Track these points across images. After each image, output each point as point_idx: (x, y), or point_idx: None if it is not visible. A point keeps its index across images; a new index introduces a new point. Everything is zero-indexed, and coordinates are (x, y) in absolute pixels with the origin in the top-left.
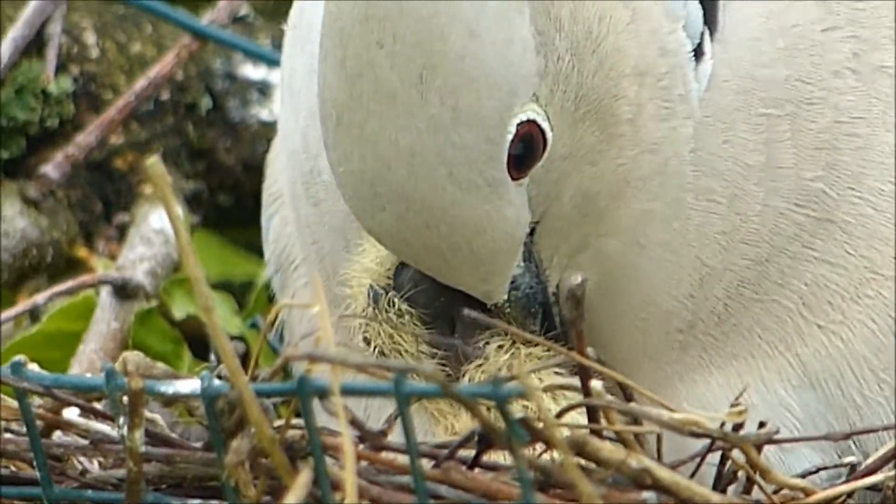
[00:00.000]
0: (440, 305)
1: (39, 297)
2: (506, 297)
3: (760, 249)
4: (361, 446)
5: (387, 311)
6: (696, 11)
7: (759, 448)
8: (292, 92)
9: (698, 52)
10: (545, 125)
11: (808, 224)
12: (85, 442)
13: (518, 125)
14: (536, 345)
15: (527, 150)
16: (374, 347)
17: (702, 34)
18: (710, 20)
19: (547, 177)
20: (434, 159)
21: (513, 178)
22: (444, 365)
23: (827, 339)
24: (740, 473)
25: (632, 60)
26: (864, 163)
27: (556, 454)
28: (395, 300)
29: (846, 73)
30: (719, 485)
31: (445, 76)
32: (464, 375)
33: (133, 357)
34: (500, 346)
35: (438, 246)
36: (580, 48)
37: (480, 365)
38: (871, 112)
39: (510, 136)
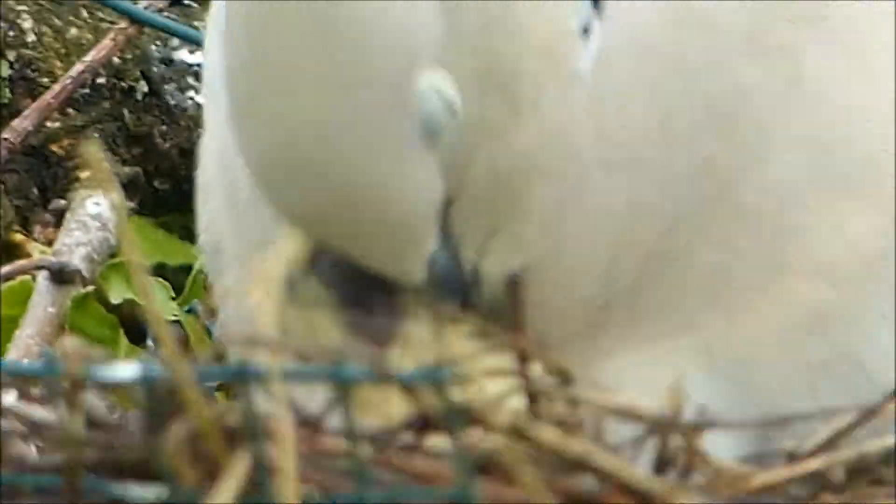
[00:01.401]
0: (359, 289)
1: None
2: (423, 276)
3: (663, 221)
4: (301, 431)
5: (304, 297)
6: None
7: (696, 431)
8: (212, 91)
9: (587, 28)
10: (449, 89)
11: (707, 203)
12: (23, 427)
13: (423, 88)
14: (461, 322)
15: (432, 115)
16: (294, 335)
17: (590, 8)
18: None
19: (458, 145)
20: (339, 123)
21: (422, 144)
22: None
23: (734, 329)
24: (678, 459)
25: (537, 37)
26: (762, 146)
27: (495, 438)
28: (313, 285)
29: (742, 47)
30: (660, 469)
31: (346, 38)
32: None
33: (72, 342)
34: (425, 326)
35: (350, 218)
36: (492, 19)
37: (404, 345)
38: (770, 90)
39: (414, 99)
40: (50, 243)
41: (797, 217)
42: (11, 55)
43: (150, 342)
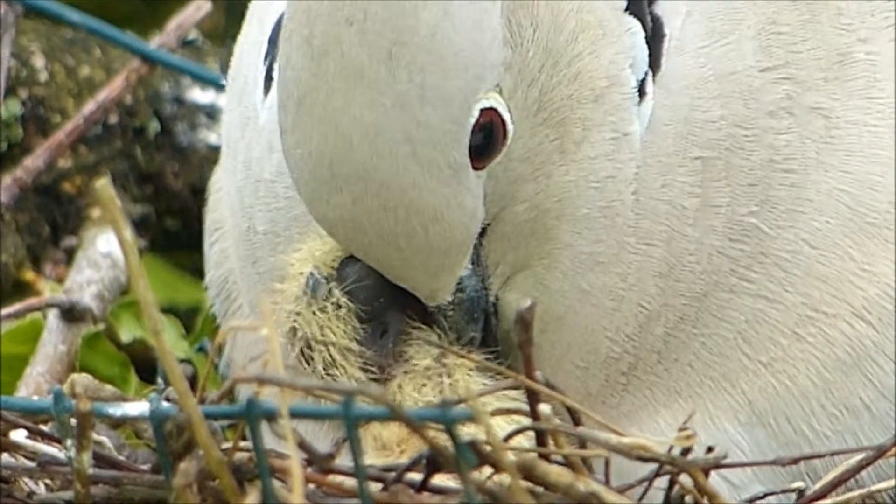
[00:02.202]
0: (378, 306)
1: None
2: (450, 298)
3: (697, 286)
4: (309, 469)
5: (323, 301)
6: (642, 52)
7: (706, 472)
8: (229, 143)
9: (641, 91)
10: (506, 116)
11: (743, 258)
12: (32, 464)
13: (481, 111)
14: (465, 357)
15: (487, 139)
16: (301, 338)
17: (645, 74)
18: (653, 62)
19: (504, 175)
20: (398, 137)
21: (473, 167)
22: (366, 367)
23: (772, 377)
24: (688, 498)
25: (599, 84)
26: (798, 200)
27: (504, 477)
28: (336, 291)
29: (782, 113)
30: None
31: (415, 53)
32: (388, 381)
33: (81, 380)
34: (430, 356)
35: (394, 232)
36: (557, 54)
37: (407, 373)
38: (805, 152)
39: (473, 120)
40: (61, 281)
41: (830, 264)
42: (24, 93)
43: (160, 380)
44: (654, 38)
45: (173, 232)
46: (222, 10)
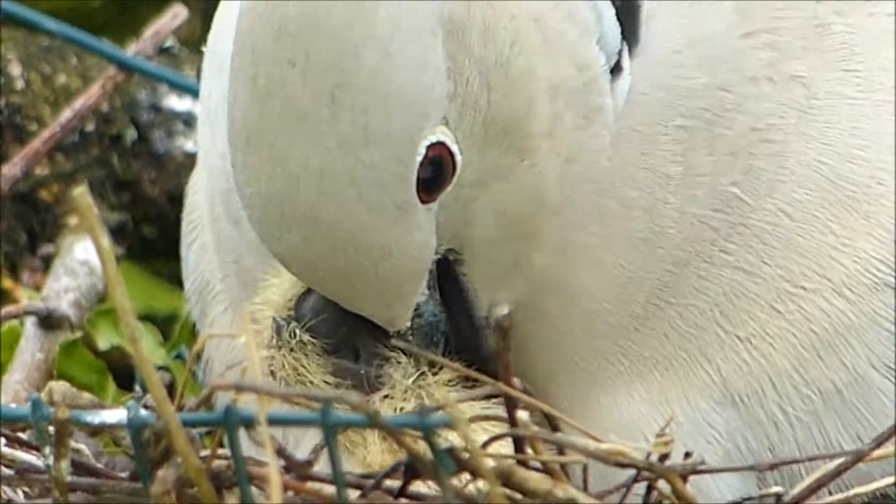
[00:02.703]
0: (342, 334)
1: None
2: (409, 324)
3: (679, 254)
4: (287, 476)
5: (289, 342)
6: (614, 28)
7: (684, 478)
8: (209, 114)
9: (616, 68)
10: (454, 148)
11: (724, 228)
12: (10, 472)
13: (428, 147)
14: (442, 369)
15: (436, 172)
16: (280, 380)
17: (619, 51)
18: (629, 36)
19: (456, 203)
20: (344, 179)
21: (422, 202)
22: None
23: (747, 353)
24: (665, 503)
25: (545, 80)
26: (779, 170)
27: (482, 484)
28: (297, 331)
29: (763, 79)
30: None
31: (357, 95)
32: (371, 402)
33: (59, 387)
34: (407, 373)
35: (344, 269)
36: (490, 72)
37: (386, 397)
38: (785, 120)
39: (419, 158)
40: (38, 289)
41: (809, 237)
42: (0, 102)
43: (138, 388)
44: (628, 12)
45: (150, 239)
46: (199, 18)
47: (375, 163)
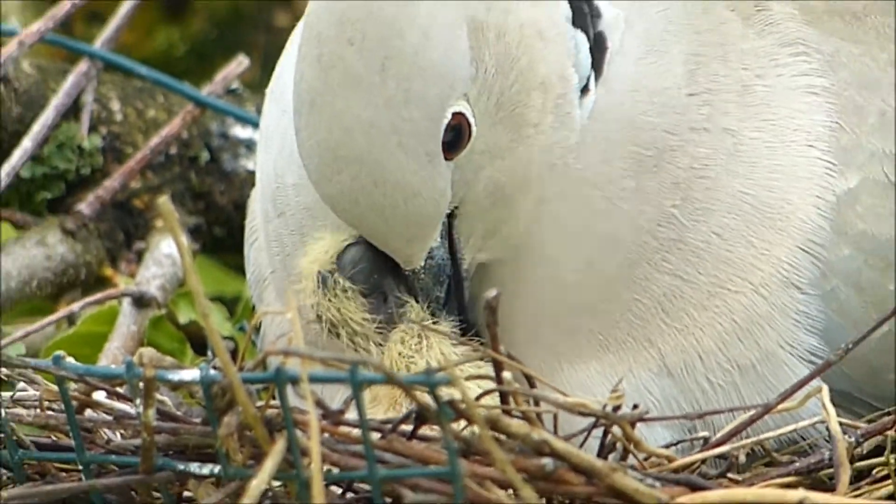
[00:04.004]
0: (374, 281)
1: (75, 306)
2: (422, 263)
3: (629, 254)
4: (324, 422)
5: (333, 289)
6: (586, 57)
7: (632, 425)
8: (266, 134)
9: (585, 88)
10: (471, 119)
11: (665, 242)
12: (110, 418)
13: (453, 113)
14: (441, 333)
15: (456, 137)
16: (326, 321)
17: (589, 76)
18: (596, 67)
19: (468, 165)
20: (388, 129)
21: (445, 158)
22: (379, 329)
23: (683, 339)
24: (618, 445)
25: (540, 77)
26: (711, 201)
27: (475, 429)
28: (340, 280)
29: (702, 126)
30: (602, 453)
31: (401, 65)
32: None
33: (147, 352)
34: (418, 314)
35: (381, 204)
36: (502, 64)
37: (397, 342)
38: (717, 162)
39: (446, 121)
40: (132, 276)
41: (734, 250)
42: (103, 130)
43: (209, 353)
44: (598, 49)
45: (220, 238)
46: (258, 66)
47: (413, 118)
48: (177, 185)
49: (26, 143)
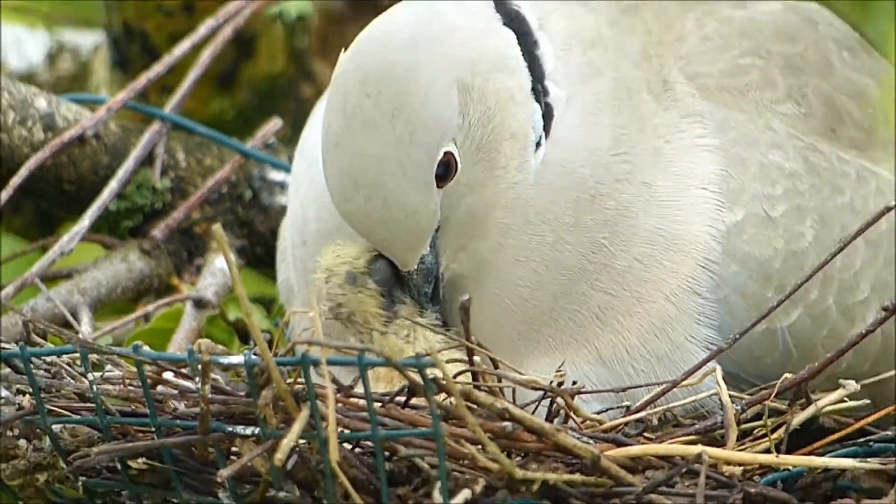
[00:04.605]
0: (389, 287)
1: (150, 308)
2: (416, 266)
3: (570, 274)
4: (338, 395)
5: (360, 287)
6: (539, 122)
7: (572, 397)
8: (295, 179)
9: (538, 143)
10: (458, 158)
11: (598, 266)
12: (175, 392)
13: (444, 152)
14: (427, 327)
15: (445, 171)
16: (347, 311)
17: (541, 135)
18: (546, 129)
19: (453, 193)
20: (395, 163)
21: (437, 186)
22: (386, 322)
23: (613, 338)
24: (562, 412)
25: (510, 131)
26: (632, 235)
27: (453, 399)
28: (368, 280)
29: (624, 178)
30: (549, 418)
31: (408, 116)
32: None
33: (204, 342)
34: (410, 311)
35: (387, 218)
36: (483, 118)
37: (394, 332)
38: (637, 206)
39: (439, 158)
40: (193, 284)
41: (651, 272)
42: (171, 174)
43: (251, 343)
44: (547, 116)
45: (260, 256)
46: (289, 126)
47: (415, 155)
48: (227, 216)
49: (113, 185)
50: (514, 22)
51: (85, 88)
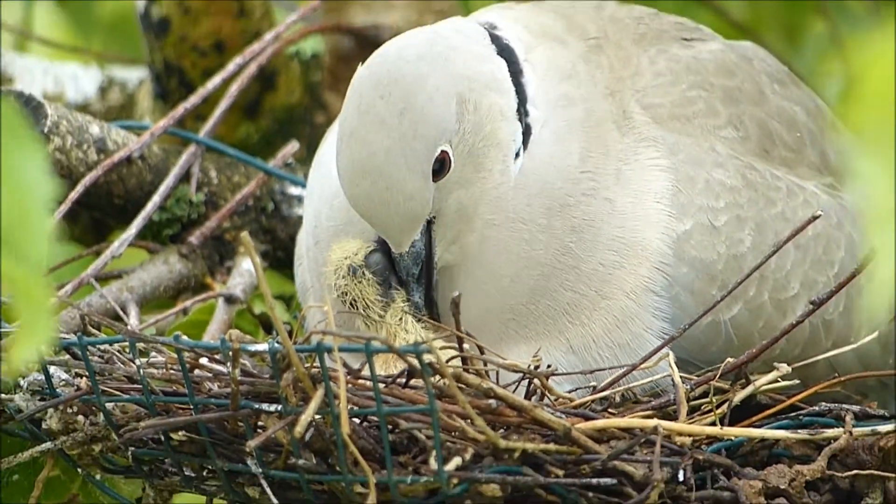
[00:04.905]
0: (385, 276)
1: (188, 303)
2: (407, 249)
3: (543, 270)
4: (348, 377)
5: (360, 277)
6: (519, 137)
7: (547, 378)
8: (310, 191)
9: (518, 155)
10: (452, 157)
11: (566, 268)
12: (210, 375)
13: (441, 151)
14: (415, 317)
15: (441, 167)
16: (350, 298)
17: (519, 149)
18: (524, 144)
19: (445, 188)
20: (399, 154)
21: (432, 180)
22: (383, 308)
23: (582, 330)
24: (538, 391)
25: (498, 140)
26: (596, 242)
27: (446, 381)
28: (366, 272)
29: (590, 194)
30: (527, 396)
31: (413, 115)
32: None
33: (235, 333)
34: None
35: (388, 201)
36: (476, 126)
37: (388, 320)
38: (601, 217)
39: (437, 154)
40: (224, 283)
41: (613, 273)
42: (205, 189)
43: (274, 333)
44: (526, 134)
45: (281, 259)
46: (305, 148)
47: (417, 149)
48: (252, 225)
49: (155, 199)
50: (505, 52)
51: (131, 116)
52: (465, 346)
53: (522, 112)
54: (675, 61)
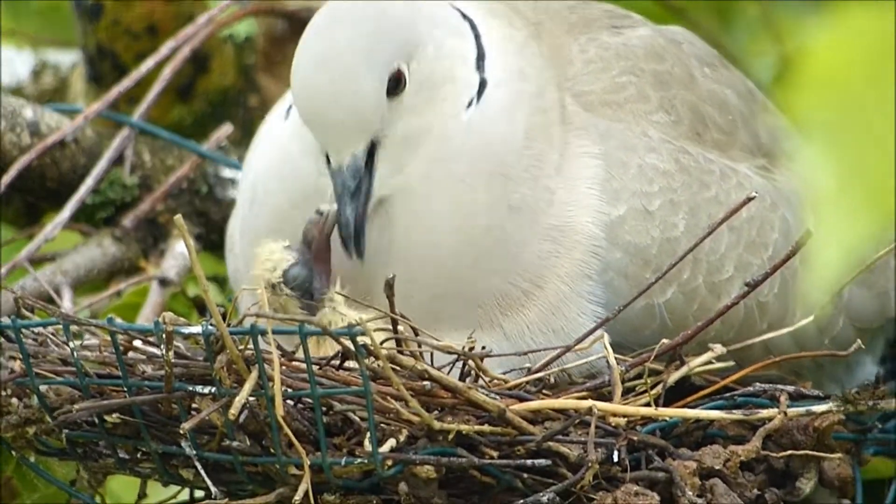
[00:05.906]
0: (305, 290)
1: (122, 286)
2: (347, 162)
3: (480, 240)
4: (282, 359)
5: (280, 292)
6: (475, 87)
7: (481, 360)
8: (242, 180)
9: (470, 104)
10: (407, 77)
11: (502, 255)
12: (144, 357)
13: (398, 67)
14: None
15: (395, 84)
16: (274, 309)
17: (473, 98)
18: (479, 96)
19: (396, 110)
20: (361, 50)
21: (386, 94)
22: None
23: (516, 317)
24: (472, 373)
25: (454, 76)
26: (533, 229)
27: (380, 363)
28: (283, 287)
29: (531, 175)
30: (462, 378)
31: (378, 28)
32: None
33: (168, 315)
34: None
35: (339, 98)
36: (436, 57)
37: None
38: (539, 206)
39: (392, 70)
40: (158, 266)
41: (546, 261)
42: (139, 172)
43: (207, 315)
44: (481, 87)
45: (214, 241)
46: (239, 130)
47: (377, 53)
48: (186, 207)
49: (89, 182)
50: (466, 20)
51: (64, 99)
52: (400, 327)
53: (481, 67)
54: (605, 48)
